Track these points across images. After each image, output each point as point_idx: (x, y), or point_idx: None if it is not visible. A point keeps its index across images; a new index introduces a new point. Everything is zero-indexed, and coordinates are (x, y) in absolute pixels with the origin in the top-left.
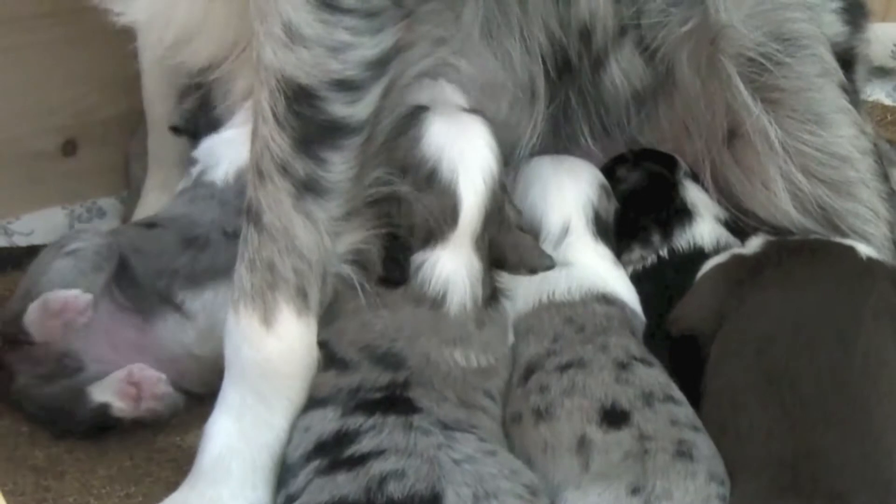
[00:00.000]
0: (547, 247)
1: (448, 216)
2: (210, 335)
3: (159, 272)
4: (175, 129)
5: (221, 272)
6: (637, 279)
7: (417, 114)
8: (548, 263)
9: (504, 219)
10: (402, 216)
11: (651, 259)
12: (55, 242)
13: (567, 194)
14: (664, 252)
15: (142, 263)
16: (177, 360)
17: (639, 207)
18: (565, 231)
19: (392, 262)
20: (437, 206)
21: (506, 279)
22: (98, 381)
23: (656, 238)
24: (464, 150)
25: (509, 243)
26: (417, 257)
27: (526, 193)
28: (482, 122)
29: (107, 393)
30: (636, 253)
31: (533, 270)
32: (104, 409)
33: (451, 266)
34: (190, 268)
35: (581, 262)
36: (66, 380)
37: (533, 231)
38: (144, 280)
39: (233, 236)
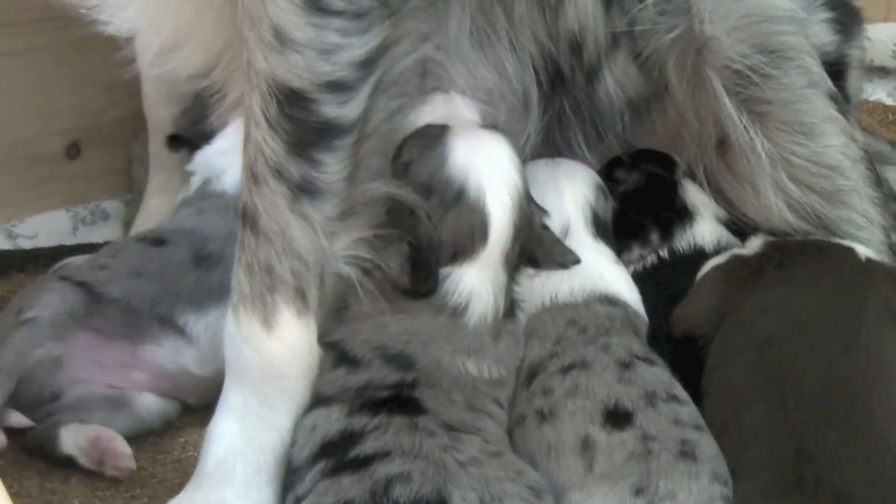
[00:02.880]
0: None
1: (478, 234)
2: (213, 356)
3: (161, 295)
4: (173, 139)
5: (228, 291)
6: (638, 279)
7: (437, 134)
8: (573, 258)
9: (533, 225)
10: (420, 229)
11: (651, 259)
12: (14, 304)
13: (565, 196)
14: (665, 252)
15: (141, 287)
16: (172, 377)
17: (638, 208)
18: (565, 232)
19: (422, 274)
20: (466, 224)
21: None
22: (70, 426)
23: (655, 237)
24: (489, 168)
25: (536, 243)
26: (443, 270)
27: None
28: (501, 137)
29: (74, 447)
30: (635, 252)
31: (562, 265)
32: (72, 459)
33: (477, 280)
34: (195, 289)
35: (583, 262)
36: (43, 407)
37: None
38: (142, 306)
39: None
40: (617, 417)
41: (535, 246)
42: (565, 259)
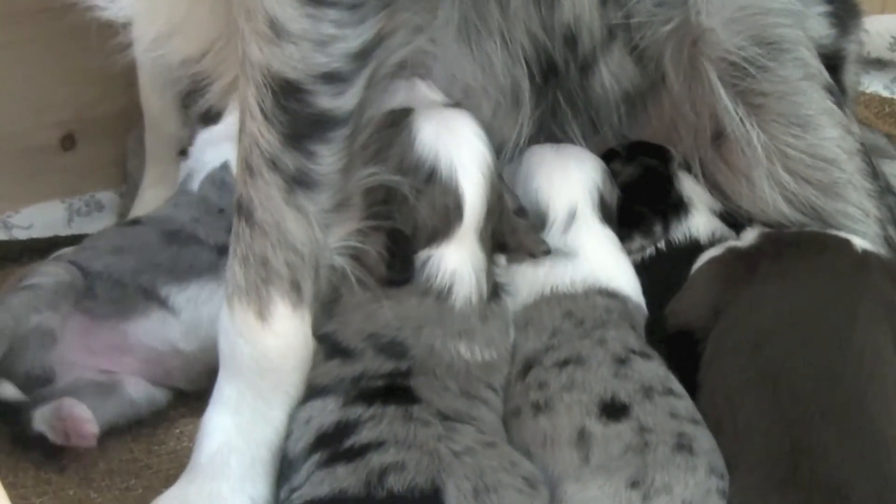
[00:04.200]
0: (555, 233)
1: (453, 213)
2: (196, 330)
3: (142, 267)
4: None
5: (206, 269)
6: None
7: (402, 117)
8: (544, 248)
9: (504, 207)
10: (405, 216)
11: (650, 251)
12: (22, 274)
13: (572, 179)
14: (661, 244)
15: (123, 261)
16: (162, 359)
17: (635, 200)
18: (572, 216)
19: (397, 262)
20: (440, 204)
21: (507, 272)
22: (42, 407)
23: (658, 228)
24: (457, 146)
25: (508, 229)
26: (422, 254)
27: (529, 181)
28: (467, 115)
29: (42, 422)
30: (637, 242)
31: (532, 254)
32: (45, 437)
33: (456, 260)
34: (173, 262)
35: (589, 247)
36: (35, 390)
37: (539, 218)
38: (125, 277)
39: (213, 245)
40: (613, 410)
41: (507, 231)
42: (537, 248)
